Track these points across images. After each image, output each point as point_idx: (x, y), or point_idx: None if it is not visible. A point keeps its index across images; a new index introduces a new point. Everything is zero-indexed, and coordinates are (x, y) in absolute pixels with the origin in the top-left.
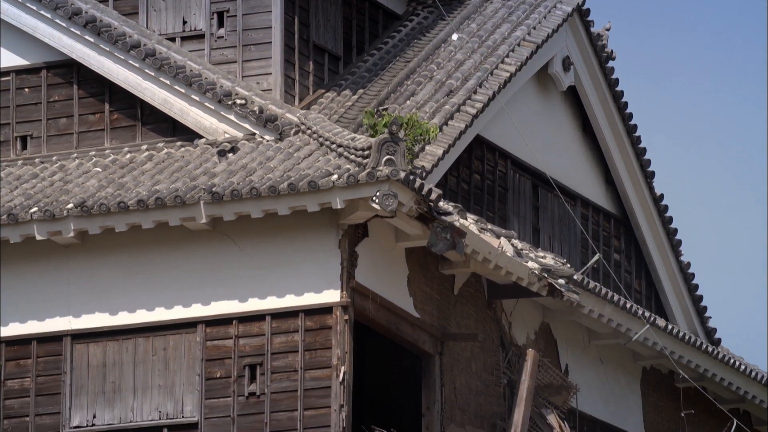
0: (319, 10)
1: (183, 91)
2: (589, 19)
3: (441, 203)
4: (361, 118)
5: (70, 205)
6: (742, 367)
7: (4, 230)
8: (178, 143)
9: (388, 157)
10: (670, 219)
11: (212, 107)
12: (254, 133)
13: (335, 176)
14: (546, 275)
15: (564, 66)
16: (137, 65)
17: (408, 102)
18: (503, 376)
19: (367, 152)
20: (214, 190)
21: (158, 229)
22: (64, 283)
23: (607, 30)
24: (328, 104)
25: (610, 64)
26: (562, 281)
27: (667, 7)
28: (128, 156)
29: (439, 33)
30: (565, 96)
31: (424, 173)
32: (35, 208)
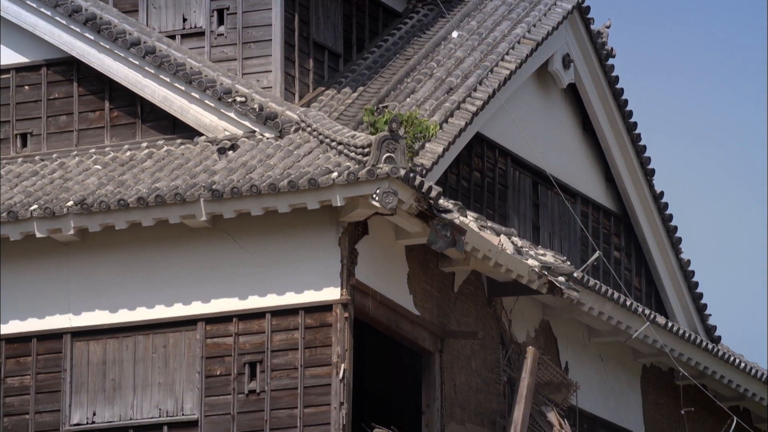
0: (319, 8)
1: (183, 88)
2: (589, 16)
3: (441, 201)
4: (361, 116)
5: (70, 203)
6: (742, 364)
7: (4, 228)
8: (178, 141)
9: (388, 154)
10: (670, 216)
11: (212, 105)
12: (254, 131)
13: (335, 174)
14: (546, 273)
15: (564, 63)
16: (137, 63)
17: (408, 99)
18: (503, 374)
19: (367, 150)
20: (214, 187)
21: (158, 227)
22: (64, 281)
23: (607, 27)
24: (328, 102)
25: (610, 61)
26: (562, 279)
27: (666, 4)
28: (128, 153)
29: (439, 30)
30: (565, 93)
31: (424, 171)
32: (35, 206)
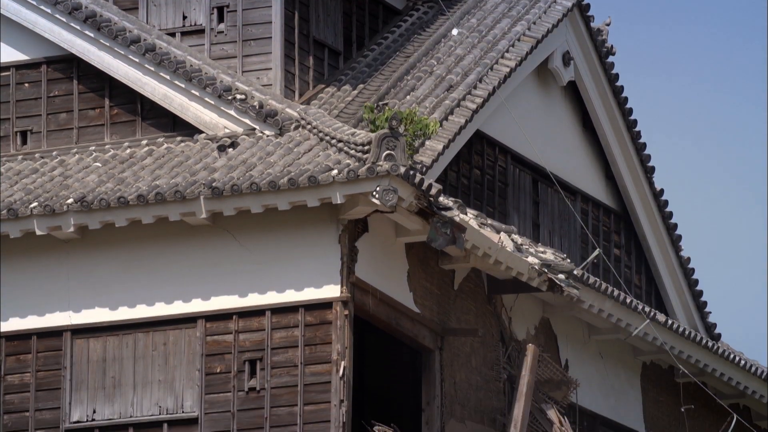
0: (319, 6)
1: (183, 86)
2: (589, 14)
3: (441, 198)
4: (361, 113)
5: (70, 200)
6: (742, 362)
7: (3, 225)
8: (178, 138)
9: (388, 152)
10: (670, 214)
11: (212, 102)
12: (254, 128)
13: (335, 171)
14: (546, 270)
15: (564, 61)
16: (137, 60)
17: (408, 97)
18: (503, 371)
19: (367, 147)
20: (214, 185)
21: (158, 224)
22: (64, 279)
23: (607, 25)
24: (328, 99)
25: (610, 59)
26: (562, 276)
27: (666, 4)
28: (128, 151)
29: (439, 28)
30: (565, 91)
31: (424, 168)
32: (35, 203)
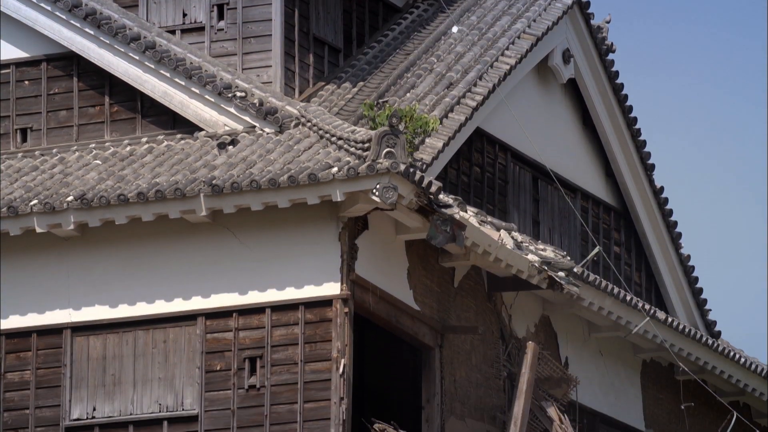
0: (319, 3)
1: (183, 83)
2: (589, 11)
3: (441, 196)
4: (361, 111)
5: (70, 198)
6: (742, 359)
7: (4, 223)
8: (178, 136)
9: (388, 149)
10: (670, 212)
11: (212, 100)
12: (254, 126)
13: (335, 169)
14: (546, 268)
15: (564, 58)
16: (137, 58)
17: (408, 94)
18: (503, 369)
19: (367, 145)
20: (214, 182)
21: (158, 222)
22: (64, 276)
23: (607, 22)
24: (328, 97)
25: (610, 56)
26: (562, 274)
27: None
28: (128, 148)
29: (439, 25)
30: (565, 88)
31: (424, 166)
32: (35, 201)
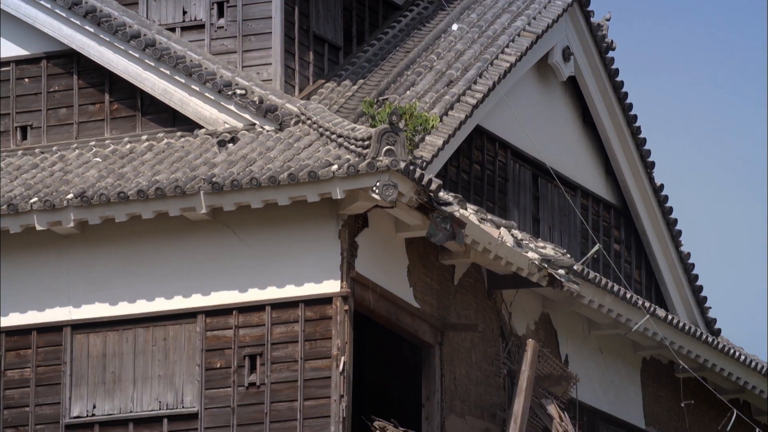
0: (319, 1)
1: (183, 81)
2: (589, 9)
3: (441, 193)
4: (361, 108)
5: (70, 196)
6: (742, 357)
7: (4, 220)
8: (178, 133)
9: (388, 147)
10: (670, 209)
11: (212, 97)
12: (254, 124)
13: (335, 166)
14: (546, 265)
15: (564, 56)
16: (137, 55)
17: (408, 92)
18: (503, 367)
19: (367, 142)
20: (214, 180)
21: (158, 220)
22: (63, 274)
23: (607, 20)
24: (328, 94)
25: (610, 54)
26: (562, 271)
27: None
28: (128, 146)
29: (439, 23)
30: (565, 86)
31: (424, 163)
32: (35, 198)
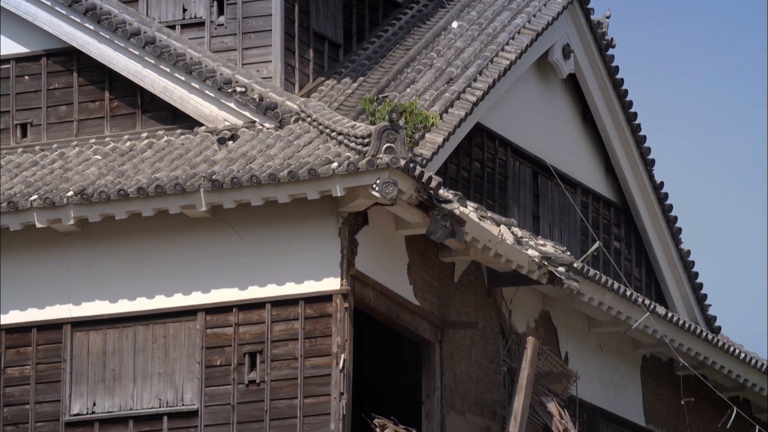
0: None
1: (183, 78)
2: (589, 6)
3: (441, 191)
4: (360, 106)
5: (70, 193)
6: (742, 355)
7: (4, 218)
8: (178, 131)
9: (388, 144)
10: (670, 207)
11: (212, 95)
12: (254, 121)
13: (335, 164)
14: (546, 263)
15: (564, 54)
16: (137, 53)
17: (408, 90)
18: (503, 364)
19: (367, 140)
20: (214, 177)
21: (158, 217)
22: (64, 271)
23: (607, 18)
24: (328, 92)
25: (610, 51)
26: (562, 269)
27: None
28: (128, 144)
29: (439, 21)
30: (565, 84)
31: (424, 161)
32: (35, 196)
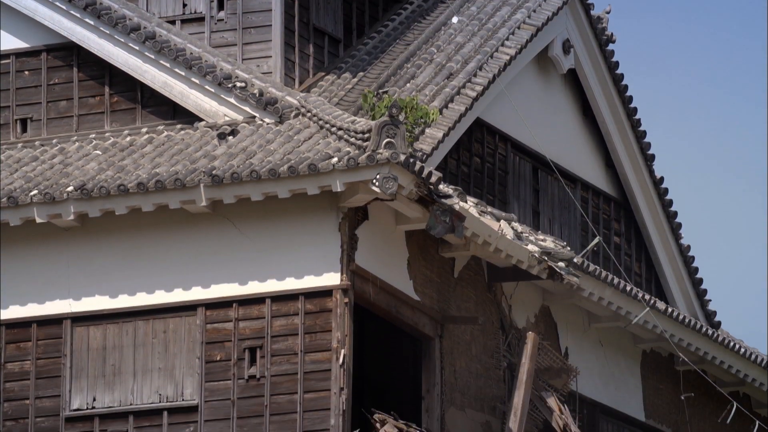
0: None
1: (183, 74)
2: (589, 2)
3: (441, 186)
4: (360, 101)
5: (70, 188)
6: (742, 350)
7: (4, 213)
8: (178, 126)
9: (388, 140)
10: (670, 202)
11: (212, 90)
12: (254, 116)
13: (335, 159)
14: (546, 258)
15: (564, 49)
16: (137, 48)
17: (408, 85)
18: (503, 359)
19: (367, 135)
20: (214, 173)
21: (158, 212)
22: (64, 266)
23: (607, 13)
24: (328, 87)
25: (610, 47)
26: (562, 264)
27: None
28: (128, 139)
29: (439, 16)
30: (565, 79)
31: (424, 156)
32: (35, 191)
